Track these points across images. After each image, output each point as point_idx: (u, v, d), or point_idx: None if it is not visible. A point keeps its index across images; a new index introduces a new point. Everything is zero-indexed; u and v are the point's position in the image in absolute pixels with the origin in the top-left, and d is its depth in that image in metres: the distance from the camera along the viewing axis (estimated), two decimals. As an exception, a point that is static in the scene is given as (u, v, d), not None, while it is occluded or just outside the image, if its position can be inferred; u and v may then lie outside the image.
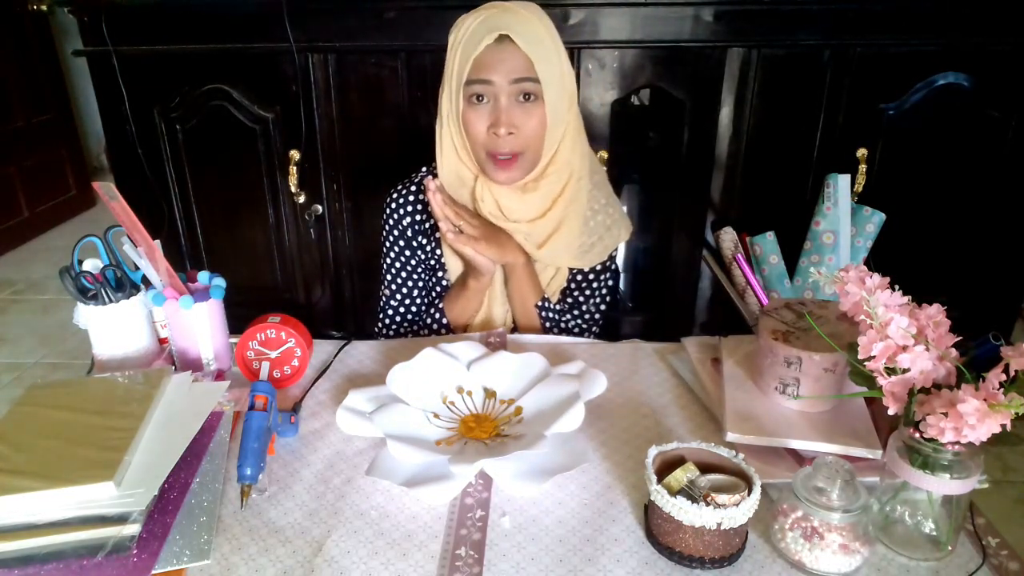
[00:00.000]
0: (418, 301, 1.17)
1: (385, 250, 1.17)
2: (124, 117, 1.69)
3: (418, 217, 1.14)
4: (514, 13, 0.99)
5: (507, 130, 0.99)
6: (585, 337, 1.17)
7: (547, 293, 1.14)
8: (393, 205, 1.14)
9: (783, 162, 1.64)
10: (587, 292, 1.17)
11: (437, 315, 1.14)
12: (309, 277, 1.86)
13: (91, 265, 0.96)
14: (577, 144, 1.07)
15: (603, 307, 1.20)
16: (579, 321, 1.18)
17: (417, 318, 1.18)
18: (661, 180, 1.69)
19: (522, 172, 1.04)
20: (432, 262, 1.16)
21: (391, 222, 1.14)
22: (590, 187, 1.10)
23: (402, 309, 1.18)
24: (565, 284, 1.16)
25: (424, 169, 1.15)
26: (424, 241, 1.15)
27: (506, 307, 1.14)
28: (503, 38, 0.96)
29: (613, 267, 1.20)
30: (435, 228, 1.12)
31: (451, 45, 1.02)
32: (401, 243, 1.15)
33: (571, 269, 1.15)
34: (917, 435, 0.62)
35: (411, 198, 1.13)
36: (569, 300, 1.17)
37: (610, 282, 1.19)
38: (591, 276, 1.16)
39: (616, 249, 1.18)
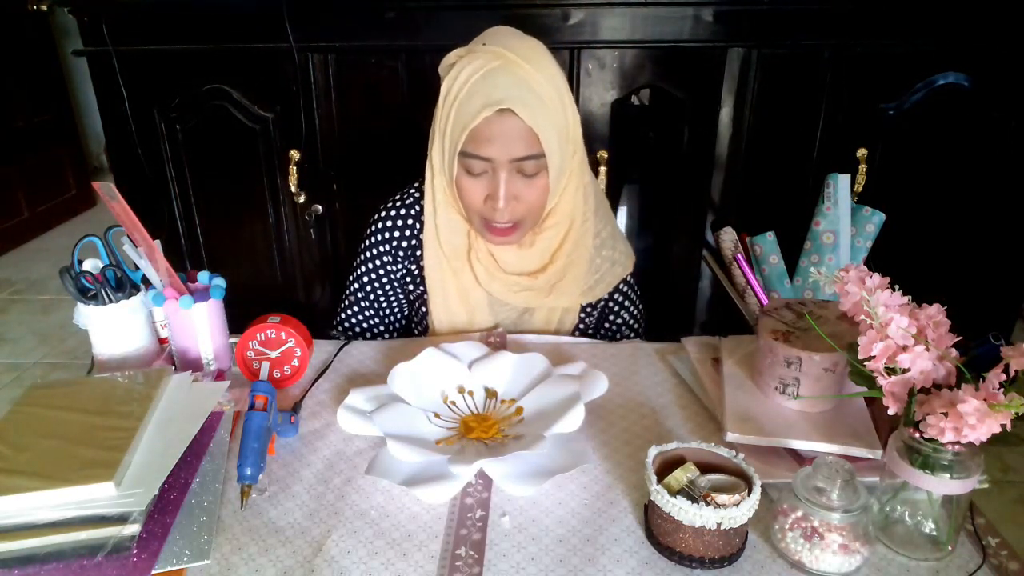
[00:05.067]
0: (371, 320, 1.15)
1: (358, 261, 1.13)
2: (124, 117, 1.69)
3: (396, 238, 1.08)
4: (515, 72, 0.88)
5: (506, 203, 0.92)
6: (631, 338, 1.16)
7: (561, 331, 1.10)
8: (378, 225, 1.09)
9: (783, 162, 1.64)
10: (614, 309, 1.15)
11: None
12: (309, 277, 1.86)
13: (91, 265, 0.96)
14: (579, 188, 1.01)
15: (636, 313, 1.19)
16: (625, 332, 1.17)
17: (367, 334, 1.16)
18: (661, 180, 1.69)
19: (519, 237, 0.99)
20: (406, 282, 1.11)
21: (371, 240, 1.10)
22: (593, 221, 1.04)
23: (354, 321, 1.15)
24: (578, 320, 1.11)
25: (415, 186, 1.08)
26: (393, 266, 1.10)
27: (493, 316, 1.09)
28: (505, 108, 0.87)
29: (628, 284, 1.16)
30: (417, 257, 1.08)
31: (444, 95, 0.93)
32: (373, 264, 1.10)
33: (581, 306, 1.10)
34: (917, 435, 0.63)
35: (396, 218, 1.07)
36: (606, 325, 1.15)
37: (630, 294, 1.17)
38: (606, 299, 1.13)
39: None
